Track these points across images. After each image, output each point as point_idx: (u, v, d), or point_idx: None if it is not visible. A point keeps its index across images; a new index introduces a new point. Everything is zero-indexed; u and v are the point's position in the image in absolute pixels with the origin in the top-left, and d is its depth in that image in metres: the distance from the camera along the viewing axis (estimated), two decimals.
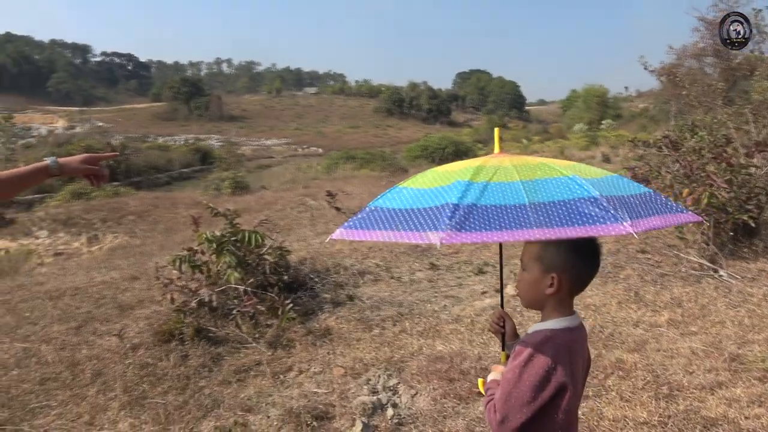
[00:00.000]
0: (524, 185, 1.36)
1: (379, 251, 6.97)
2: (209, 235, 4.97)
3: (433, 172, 1.56)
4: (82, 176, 1.79)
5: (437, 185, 1.42)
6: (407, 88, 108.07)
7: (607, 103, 73.10)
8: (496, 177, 1.40)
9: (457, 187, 1.35)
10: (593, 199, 1.29)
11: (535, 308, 1.57)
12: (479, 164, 1.48)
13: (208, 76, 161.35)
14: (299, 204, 15.06)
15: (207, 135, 66.41)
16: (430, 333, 4.54)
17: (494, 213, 1.27)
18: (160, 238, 12.32)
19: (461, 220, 1.24)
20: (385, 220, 1.37)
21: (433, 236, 1.21)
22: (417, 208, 1.35)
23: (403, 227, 1.32)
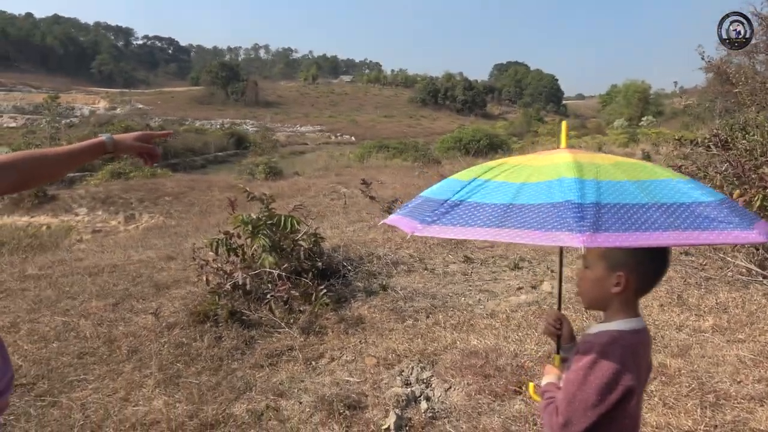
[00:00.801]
0: (636, 185, 1.29)
1: (413, 242, 6.91)
2: (245, 217, 4.97)
3: (516, 167, 1.48)
4: (135, 154, 1.76)
5: (537, 179, 1.34)
6: (443, 79, 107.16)
7: (648, 100, 71.30)
8: (602, 175, 1.32)
9: (569, 184, 1.28)
10: (713, 204, 1.23)
11: (598, 308, 1.50)
12: (572, 160, 1.39)
13: (245, 62, 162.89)
14: (332, 191, 15.11)
15: (242, 120, 67.13)
16: (464, 327, 4.47)
17: (624, 213, 1.20)
18: (195, 220, 12.51)
19: (595, 221, 1.16)
20: (488, 216, 1.29)
21: (568, 237, 1.13)
22: (526, 204, 1.27)
23: (523, 225, 1.23)
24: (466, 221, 1.29)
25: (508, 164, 1.49)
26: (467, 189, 1.40)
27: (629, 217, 1.16)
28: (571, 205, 1.18)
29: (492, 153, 29.17)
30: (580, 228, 1.12)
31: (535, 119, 69.60)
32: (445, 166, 20.42)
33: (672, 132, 40.62)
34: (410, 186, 13.89)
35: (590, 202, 1.19)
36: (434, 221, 1.34)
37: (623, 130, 45.90)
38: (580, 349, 1.41)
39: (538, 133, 50.90)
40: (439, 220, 1.33)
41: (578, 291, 1.53)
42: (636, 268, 1.37)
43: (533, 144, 36.11)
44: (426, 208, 1.46)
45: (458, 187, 1.44)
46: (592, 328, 1.48)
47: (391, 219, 1.66)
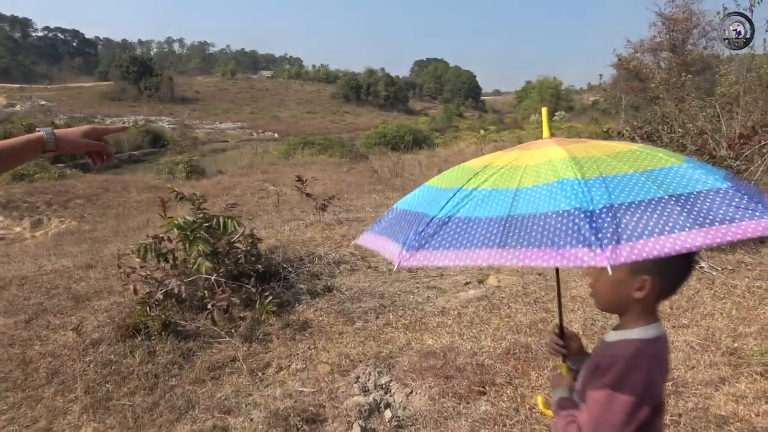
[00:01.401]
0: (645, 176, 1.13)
1: (354, 239, 6.70)
2: (181, 220, 4.58)
3: (504, 168, 1.31)
4: (82, 153, 1.48)
5: (533, 183, 1.18)
6: (365, 75, 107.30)
7: (560, 95, 74.67)
8: (606, 169, 1.16)
9: (572, 187, 1.11)
10: (730, 190, 1.08)
11: (615, 312, 1.36)
12: (567, 155, 1.23)
13: (158, 56, 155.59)
14: (259, 189, 14.61)
15: (158, 117, 64.00)
16: (416, 326, 4.33)
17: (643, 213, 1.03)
18: (112, 223, 11.65)
19: (614, 229, 1.00)
20: (486, 234, 1.12)
21: (588, 255, 0.97)
22: (528, 215, 1.10)
23: (530, 243, 1.06)
24: (462, 242, 1.11)
25: (494, 165, 1.32)
26: (454, 201, 1.22)
27: (650, 218, 1.01)
28: (582, 213, 1.02)
29: (416, 148, 29.52)
30: (600, 242, 0.97)
31: (455, 114, 71.11)
32: (374, 162, 20.31)
33: (583, 125, 42.83)
34: (342, 182, 13.68)
35: (603, 206, 1.03)
36: (423, 245, 1.15)
37: (539, 125, 47.77)
38: (602, 363, 1.26)
39: (459, 128, 52.05)
40: (428, 243, 1.15)
41: (592, 292, 1.39)
42: (661, 271, 1.23)
43: (455, 139, 36.85)
44: (407, 226, 1.28)
45: (443, 199, 1.26)
46: (609, 336, 1.35)
47: (366, 238, 1.46)
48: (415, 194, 1.46)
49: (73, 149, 1.44)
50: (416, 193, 1.47)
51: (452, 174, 1.41)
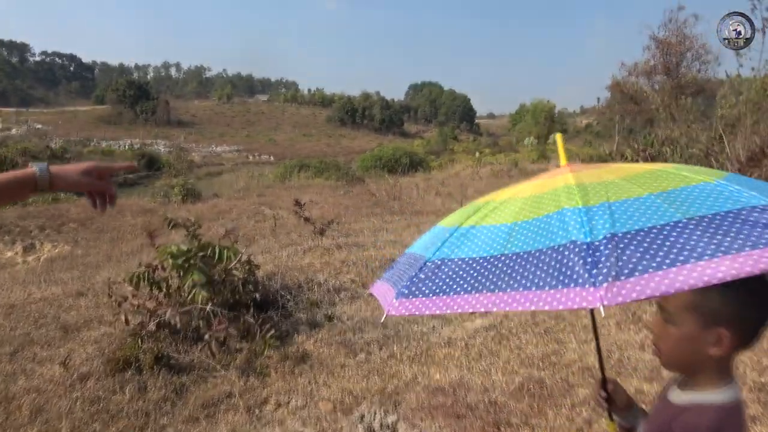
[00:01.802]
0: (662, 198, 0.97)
1: (354, 265, 6.51)
2: (174, 249, 4.38)
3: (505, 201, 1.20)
4: (83, 192, 1.29)
5: (531, 215, 1.06)
6: (360, 98, 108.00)
7: (554, 118, 75.29)
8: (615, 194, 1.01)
9: (571, 217, 0.97)
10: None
11: (686, 372, 1.16)
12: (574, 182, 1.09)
13: (155, 80, 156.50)
14: (256, 213, 14.43)
15: (153, 140, 64.06)
16: (422, 359, 4.13)
17: (653, 241, 0.86)
18: (105, 248, 11.43)
19: (614, 262, 0.83)
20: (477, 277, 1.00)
21: (580, 295, 0.81)
22: (521, 253, 0.97)
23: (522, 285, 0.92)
24: (451, 287, 0.98)
25: (497, 200, 1.20)
26: (450, 241, 1.10)
27: (660, 247, 0.84)
28: (577, 247, 0.87)
29: (412, 171, 29.54)
30: (595, 279, 0.81)
31: (450, 137, 71.51)
32: (370, 185, 20.20)
33: (577, 148, 43.11)
34: (339, 205, 13.52)
35: (603, 236, 0.88)
36: (414, 292, 1.04)
37: (533, 148, 48.03)
38: (675, 431, 1.08)
39: (454, 151, 52.31)
40: (418, 290, 1.03)
41: (656, 350, 1.19)
42: (741, 320, 1.03)
43: (451, 161, 36.96)
44: (407, 272, 1.15)
45: (440, 240, 1.14)
46: (676, 396, 1.15)
47: (376, 287, 1.32)
48: (426, 235, 1.34)
49: (70, 188, 1.25)
50: (427, 234, 1.35)
51: (460, 212, 1.30)
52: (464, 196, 14.79)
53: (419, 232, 9.52)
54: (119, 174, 1.49)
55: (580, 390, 3.44)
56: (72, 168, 1.25)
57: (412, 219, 11.04)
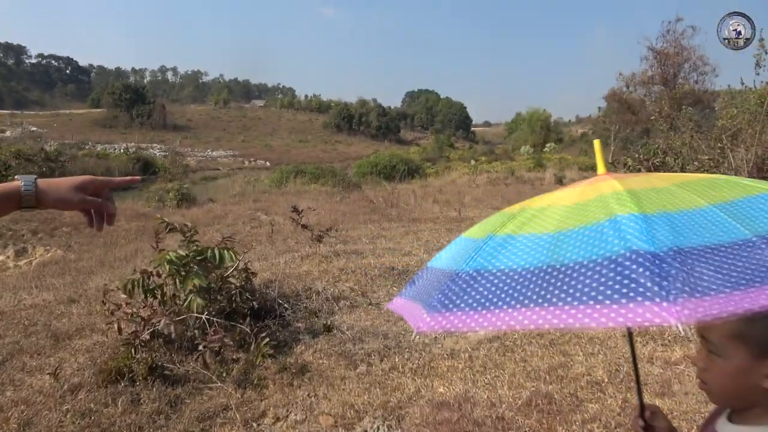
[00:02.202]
0: (725, 211, 0.89)
1: (353, 273, 6.39)
2: (174, 255, 4.25)
3: (544, 209, 1.10)
4: (78, 210, 1.13)
5: (578, 224, 0.95)
6: (357, 105, 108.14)
7: (550, 127, 75.56)
8: (671, 203, 0.92)
9: (627, 224, 0.87)
10: None
11: (738, 406, 1.05)
12: (622, 187, 1.00)
13: (151, 84, 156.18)
14: (251, 219, 14.31)
15: (149, 144, 63.85)
16: (425, 371, 4.00)
17: (724, 259, 0.78)
18: (98, 253, 11.26)
19: (686, 277, 0.74)
20: (522, 291, 0.88)
21: (652, 310, 0.70)
22: (570, 264, 0.86)
23: (576, 298, 0.82)
24: (493, 302, 0.87)
25: (533, 208, 1.10)
26: (485, 251, 0.99)
27: (733, 267, 0.76)
28: (641, 257, 0.77)
29: (408, 178, 29.53)
30: (668, 292, 0.71)
31: (446, 145, 71.59)
32: (368, 191, 20.10)
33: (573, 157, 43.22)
34: (336, 212, 13.40)
35: (668, 248, 0.78)
36: (445, 306, 0.92)
37: (529, 156, 48.15)
38: None
39: (450, 159, 52.40)
40: (454, 304, 0.91)
41: (703, 384, 1.08)
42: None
43: (447, 169, 36.99)
44: (435, 286, 1.04)
45: (473, 250, 1.03)
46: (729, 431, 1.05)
47: (397, 303, 1.20)
48: (449, 249, 1.23)
49: (61, 206, 1.08)
50: (450, 247, 1.24)
51: (488, 221, 1.20)
52: (461, 203, 14.73)
53: (417, 239, 9.44)
54: (120, 189, 1.32)
55: (590, 405, 3.33)
56: (64, 183, 1.08)
57: (410, 226, 10.93)
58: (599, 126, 51.79)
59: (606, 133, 44.61)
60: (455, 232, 9.90)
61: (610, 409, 3.29)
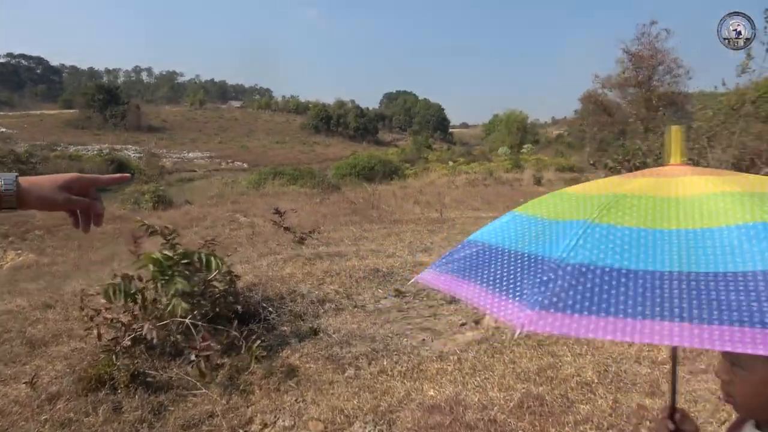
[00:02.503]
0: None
1: (337, 276, 6.32)
2: (159, 255, 4.14)
3: (649, 198, 0.98)
4: (64, 211, 1.04)
5: (712, 222, 0.85)
6: (334, 106, 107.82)
7: (526, 129, 76.30)
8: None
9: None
10: None
11: (762, 417, 1.03)
12: (740, 187, 0.94)
13: (125, 85, 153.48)
14: (230, 221, 14.13)
15: (123, 145, 62.74)
16: (414, 374, 3.96)
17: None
18: (73, 257, 10.98)
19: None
20: (655, 298, 0.77)
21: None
22: (720, 274, 0.77)
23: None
24: (622, 308, 0.77)
25: (633, 194, 0.98)
26: (586, 240, 0.89)
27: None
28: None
29: (387, 179, 29.55)
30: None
31: (424, 146, 71.79)
32: (348, 192, 20.02)
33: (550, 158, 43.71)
34: (317, 213, 13.30)
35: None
36: (559, 305, 0.81)
37: (507, 157, 48.55)
38: None
39: (429, 160, 52.61)
40: (565, 304, 0.81)
41: (727, 397, 1.05)
42: None
43: (425, 170, 37.12)
44: (511, 270, 0.95)
45: (564, 236, 0.94)
46: None
47: (434, 278, 1.14)
48: (504, 225, 1.13)
49: (45, 206, 1.01)
50: (504, 223, 1.15)
51: (557, 203, 1.10)
52: (442, 204, 14.73)
53: (400, 240, 9.40)
54: (109, 188, 1.23)
55: (581, 407, 3.32)
56: (48, 181, 1.00)
57: (392, 228, 10.89)
58: (575, 128, 52.50)
59: (581, 134, 45.24)
60: (438, 233, 9.89)
61: (601, 409, 3.29)
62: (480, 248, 1.10)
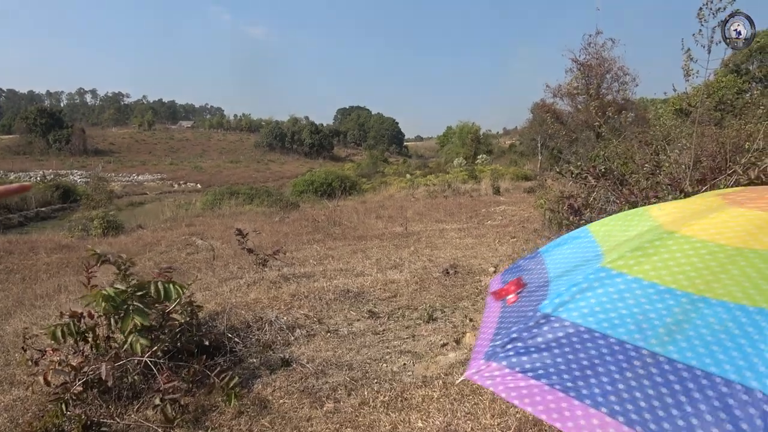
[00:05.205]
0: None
1: (306, 299, 5.99)
2: (111, 291, 3.74)
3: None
4: None
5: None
6: (288, 123, 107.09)
7: (480, 140, 77.58)
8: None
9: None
10: None
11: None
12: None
13: (69, 108, 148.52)
14: (187, 244, 13.54)
15: (69, 170, 60.47)
16: (398, 403, 3.68)
17: None
18: (15, 291, 10.21)
19: None
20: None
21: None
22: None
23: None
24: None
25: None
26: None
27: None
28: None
29: (346, 194, 29.37)
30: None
31: (380, 160, 72.01)
32: (307, 210, 19.65)
33: (504, 167, 44.42)
34: (278, 233, 12.89)
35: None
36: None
37: (462, 168, 49.06)
38: None
39: (385, 174, 52.74)
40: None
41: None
42: None
43: (383, 184, 37.12)
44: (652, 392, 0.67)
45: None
46: None
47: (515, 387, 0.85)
48: (609, 293, 0.81)
49: None
50: (606, 286, 0.84)
51: (689, 256, 0.80)
52: (405, 218, 14.55)
53: (367, 257, 9.13)
54: (8, 199, 1.09)
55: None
56: None
57: (356, 244, 10.61)
58: (527, 137, 53.57)
59: (533, 143, 46.17)
60: (404, 248, 9.66)
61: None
62: (574, 332, 0.80)
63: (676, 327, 0.65)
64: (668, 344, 0.63)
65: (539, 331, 0.81)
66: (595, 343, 0.73)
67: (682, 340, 0.63)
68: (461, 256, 8.52)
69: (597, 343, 0.72)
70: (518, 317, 0.84)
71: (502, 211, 15.66)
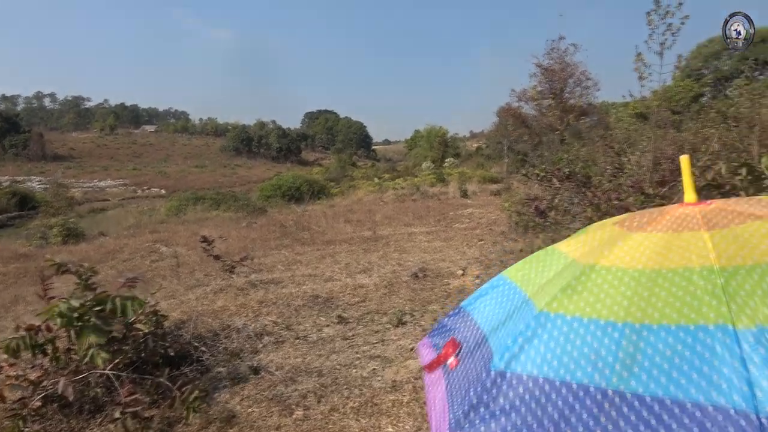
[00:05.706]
0: None
1: (274, 305, 5.92)
2: (64, 307, 3.62)
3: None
4: None
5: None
6: (255, 127, 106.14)
7: (447, 143, 78.26)
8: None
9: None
10: None
11: None
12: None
13: (26, 112, 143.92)
14: (151, 252, 13.28)
15: (26, 177, 58.61)
16: (368, 409, 3.67)
17: None
18: None
19: None
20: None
21: None
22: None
23: None
24: None
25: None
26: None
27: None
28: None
29: (314, 198, 29.23)
30: None
31: (349, 164, 71.96)
32: (275, 215, 19.47)
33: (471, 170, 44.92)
34: (245, 239, 12.73)
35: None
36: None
37: (431, 171, 49.38)
38: None
39: (354, 177, 52.73)
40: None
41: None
42: None
43: (351, 188, 37.07)
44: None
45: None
46: None
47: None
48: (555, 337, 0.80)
49: None
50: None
51: (616, 287, 0.81)
52: (374, 222, 14.55)
53: (336, 262, 9.09)
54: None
55: None
56: None
57: (325, 249, 10.55)
58: (493, 140, 54.25)
59: (499, 146, 46.77)
60: (373, 252, 9.66)
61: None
62: (533, 385, 0.76)
63: (630, 360, 0.65)
64: (629, 379, 0.63)
65: (499, 391, 0.78)
66: (559, 393, 0.72)
67: (641, 372, 0.63)
68: (430, 259, 8.56)
69: (561, 393, 0.72)
70: (470, 380, 0.82)
71: (470, 214, 15.80)
